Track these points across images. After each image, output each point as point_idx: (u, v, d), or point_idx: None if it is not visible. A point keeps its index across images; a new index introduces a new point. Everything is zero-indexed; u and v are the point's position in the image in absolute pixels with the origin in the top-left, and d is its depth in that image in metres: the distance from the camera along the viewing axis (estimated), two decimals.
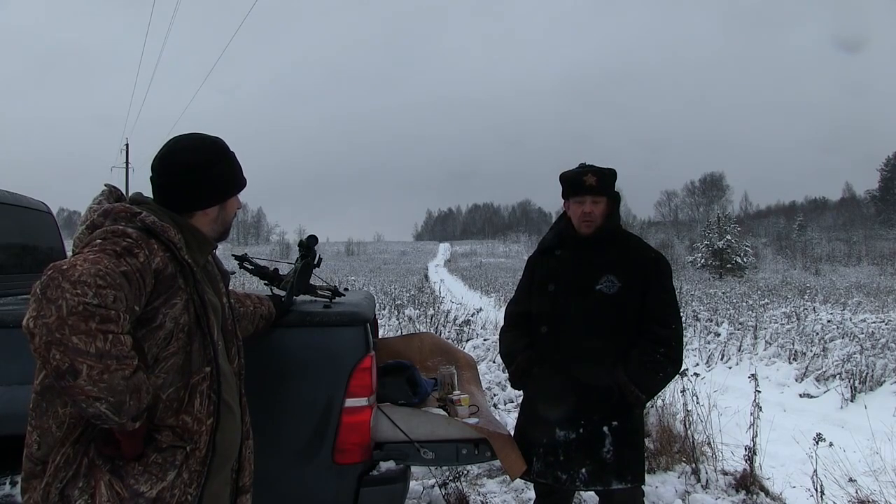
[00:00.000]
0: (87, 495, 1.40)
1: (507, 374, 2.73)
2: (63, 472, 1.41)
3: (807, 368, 8.01)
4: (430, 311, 11.34)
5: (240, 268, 2.54)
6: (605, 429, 2.40)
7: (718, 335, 10.90)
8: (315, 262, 2.46)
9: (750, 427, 3.96)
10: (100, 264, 1.31)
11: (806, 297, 19.33)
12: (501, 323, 2.88)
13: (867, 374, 7.26)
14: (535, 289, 2.58)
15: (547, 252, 2.62)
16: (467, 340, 8.16)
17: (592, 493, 2.97)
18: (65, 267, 1.28)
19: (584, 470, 2.39)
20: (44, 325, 1.23)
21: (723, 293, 21.54)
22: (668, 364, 2.40)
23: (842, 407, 6.72)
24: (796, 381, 7.86)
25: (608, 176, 2.48)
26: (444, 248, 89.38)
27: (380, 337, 3.57)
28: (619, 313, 2.42)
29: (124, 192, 1.68)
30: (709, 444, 4.29)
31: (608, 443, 2.39)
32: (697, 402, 4.39)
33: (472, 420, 2.52)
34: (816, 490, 3.31)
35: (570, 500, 2.73)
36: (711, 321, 12.50)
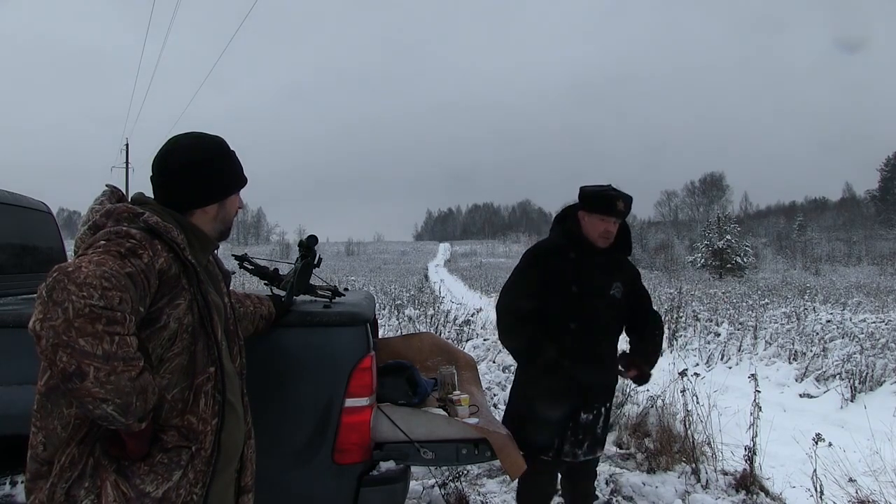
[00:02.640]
0: (94, 495, 1.40)
1: (520, 359, 2.85)
2: (69, 472, 1.41)
3: (807, 368, 8.02)
4: (430, 311, 11.35)
5: (240, 268, 2.54)
6: (603, 409, 2.83)
7: (718, 335, 10.89)
8: (315, 262, 2.46)
9: (750, 427, 3.96)
10: (105, 266, 1.31)
11: (806, 297, 19.32)
12: None
13: (867, 374, 7.26)
14: (554, 288, 2.72)
15: (560, 253, 2.77)
16: (467, 340, 8.17)
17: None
18: (70, 269, 1.28)
19: (587, 444, 2.78)
20: (50, 328, 1.23)
21: (723, 293, 21.54)
22: (661, 337, 2.96)
23: (842, 407, 6.72)
24: (796, 381, 7.87)
25: (631, 204, 2.80)
26: (444, 249, 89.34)
27: (380, 337, 3.57)
28: (624, 314, 2.87)
29: (124, 192, 1.68)
30: (709, 444, 4.30)
31: (601, 420, 2.83)
32: (697, 402, 4.39)
33: (472, 420, 2.52)
34: (816, 490, 3.31)
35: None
36: (711, 321, 12.49)
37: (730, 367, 8.91)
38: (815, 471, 3.33)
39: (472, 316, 10.22)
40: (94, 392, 1.26)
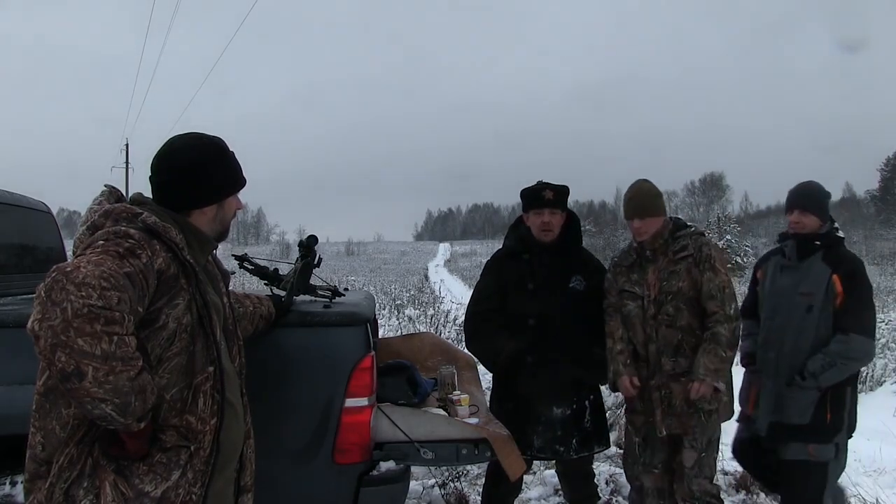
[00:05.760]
0: (93, 495, 1.40)
1: (488, 364, 2.91)
2: (67, 472, 1.41)
3: None
4: (430, 311, 11.36)
5: (240, 268, 2.54)
6: (586, 402, 2.83)
7: None
8: (315, 262, 2.46)
9: None
10: (103, 266, 1.31)
11: None
12: None
13: (867, 373, 7.25)
14: (511, 288, 2.85)
15: (515, 255, 2.92)
16: None
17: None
18: (69, 269, 1.28)
19: (574, 440, 2.77)
20: (49, 328, 1.23)
21: None
22: None
23: None
24: None
25: (563, 192, 2.86)
26: (444, 248, 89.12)
27: (380, 337, 3.57)
28: (589, 305, 2.83)
29: (124, 192, 1.68)
30: None
31: (587, 414, 2.82)
32: None
33: (472, 420, 2.52)
34: None
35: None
36: None
37: None
38: None
39: None
40: (92, 392, 1.26)
